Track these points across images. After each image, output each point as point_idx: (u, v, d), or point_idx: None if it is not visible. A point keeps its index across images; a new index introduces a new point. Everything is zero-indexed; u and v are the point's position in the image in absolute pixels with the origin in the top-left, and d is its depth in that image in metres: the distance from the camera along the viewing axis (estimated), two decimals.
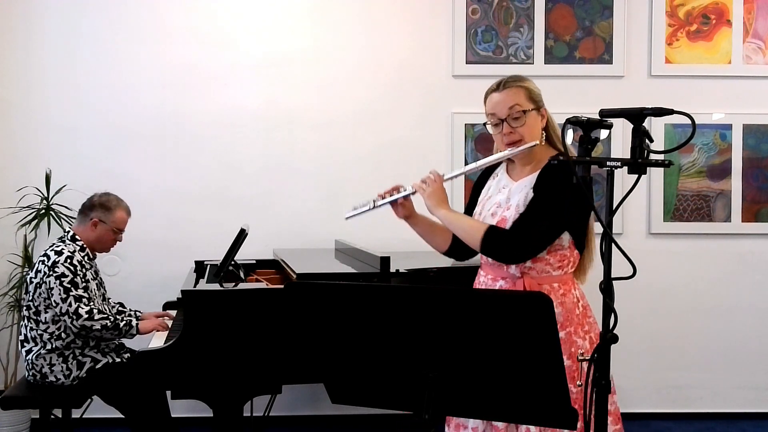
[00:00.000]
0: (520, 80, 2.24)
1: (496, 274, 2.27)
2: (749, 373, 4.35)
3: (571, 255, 2.23)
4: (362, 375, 1.67)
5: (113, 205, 3.31)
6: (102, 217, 3.28)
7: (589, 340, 2.21)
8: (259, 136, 4.23)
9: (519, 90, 2.20)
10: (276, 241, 4.14)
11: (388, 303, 1.56)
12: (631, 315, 4.08)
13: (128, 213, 3.38)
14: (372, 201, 2.34)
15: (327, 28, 4.24)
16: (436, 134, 4.26)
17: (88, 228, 3.29)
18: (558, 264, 2.21)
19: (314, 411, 4.24)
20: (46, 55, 4.17)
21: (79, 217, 3.34)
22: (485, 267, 2.33)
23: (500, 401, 1.57)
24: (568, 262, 2.23)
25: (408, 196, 2.33)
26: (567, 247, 2.21)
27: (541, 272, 2.20)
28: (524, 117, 2.19)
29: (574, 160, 1.72)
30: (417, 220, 2.38)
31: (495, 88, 2.23)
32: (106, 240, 3.33)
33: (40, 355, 3.16)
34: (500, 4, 4.26)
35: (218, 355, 2.80)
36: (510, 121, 2.19)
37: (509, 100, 2.19)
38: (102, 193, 3.36)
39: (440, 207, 2.24)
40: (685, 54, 4.31)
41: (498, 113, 2.20)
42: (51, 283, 3.10)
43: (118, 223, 3.32)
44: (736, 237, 4.33)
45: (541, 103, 2.24)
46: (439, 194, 2.25)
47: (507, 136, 2.20)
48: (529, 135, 2.20)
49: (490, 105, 2.24)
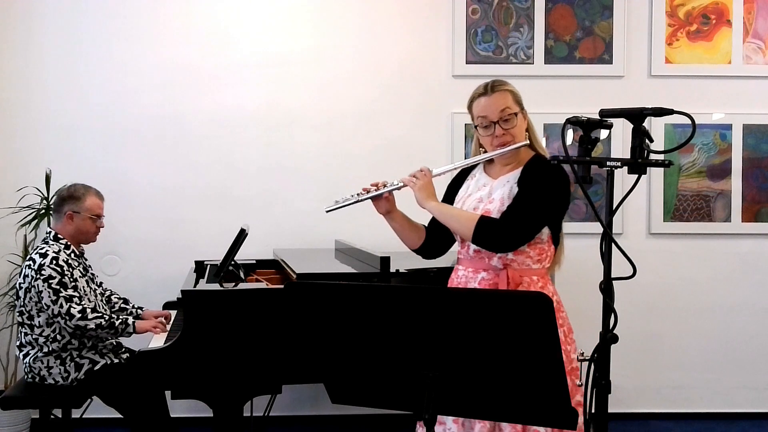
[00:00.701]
0: (505, 84, 2.36)
1: (477, 267, 2.33)
2: (749, 373, 4.35)
3: (549, 249, 2.33)
4: (362, 375, 1.67)
5: (81, 193, 3.27)
6: (74, 208, 3.24)
7: (562, 333, 2.27)
8: (259, 136, 4.23)
9: (507, 93, 2.32)
10: (276, 241, 4.14)
11: (388, 303, 1.56)
12: (631, 315, 4.08)
13: (100, 197, 3.33)
14: (356, 194, 2.43)
15: (327, 29, 4.24)
16: (436, 134, 4.26)
17: (65, 223, 3.25)
18: (537, 257, 2.30)
19: (314, 411, 4.24)
20: (46, 55, 4.17)
21: (55, 216, 3.31)
22: (464, 261, 2.39)
23: (500, 401, 1.57)
24: (546, 256, 2.32)
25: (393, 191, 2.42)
26: (545, 242, 2.31)
27: (522, 264, 2.28)
28: (515, 119, 2.30)
29: (574, 160, 1.72)
30: (396, 215, 2.47)
31: (482, 92, 2.34)
32: (86, 230, 3.28)
33: (37, 358, 3.14)
34: (500, 4, 4.26)
35: (218, 355, 2.80)
36: (502, 123, 2.29)
37: (500, 103, 2.30)
38: (69, 185, 3.31)
39: (430, 199, 2.34)
40: (685, 54, 4.31)
41: (489, 116, 2.30)
42: (39, 287, 3.08)
43: (92, 209, 3.27)
44: (736, 237, 4.33)
45: (523, 105, 2.35)
46: (428, 188, 2.35)
47: (499, 138, 2.30)
48: (518, 136, 2.31)
49: (479, 108, 2.33)
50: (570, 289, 3.84)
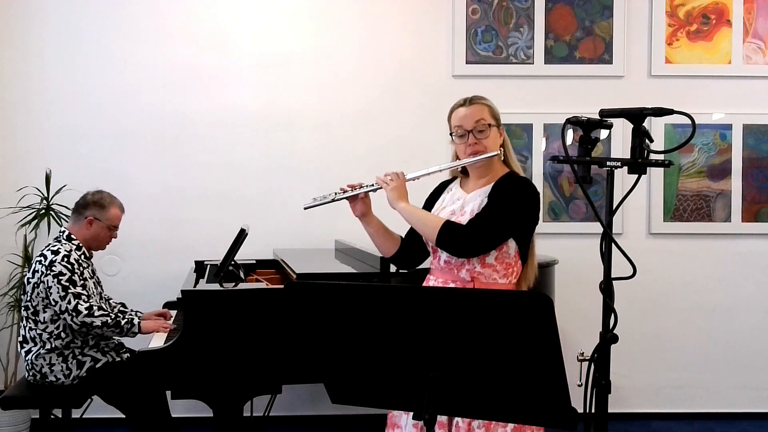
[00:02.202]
0: (485, 99, 2.42)
1: (446, 278, 2.38)
2: (749, 373, 4.35)
3: (515, 265, 2.36)
4: (362, 375, 1.67)
5: (107, 202, 3.32)
6: (97, 215, 3.28)
7: None
8: (259, 136, 4.23)
9: (484, 107, 2.38)
10: (276, 241, 4.14)
11: (388, 303, 1.56)
12: (631, 315, 4.08)
13: (122, 210, 3.39)
14: (333, 193, 2.50)
15: (327, 28, 4.24)
16: (436, 134, 4.22)
17: (83, 226, 3.28)
18: (504, 272, 2.33)
19: (314, 411, 4.24)
20: (46, 55, 4.17)
21: (74, 216, 3.34)
22: (435, 272, 2.43)
23: (500, 401, 1.57)
24: (513, 271, 2.35)
25: (369, 193, 2.46)
26: (513, 256, 2.34)
27: (489, 278, 2.32)
28: (488, 130, 2.36)
29: (574, 160, 1.72)
30: (371, 219, 2.51)
31: (462, 103, 2.41)
32: (101, 238, 3.33)
33: (39, 354, 3.15)
34: (500, 4, 4.26)
35: (218, 355, 2.80)
36: (475, 133, 2.36)
37: (476, 114, 2.36)
38: (95, 191, 3.36)
39: (401, 200, 2.39)
40: (685, 54, 4.31)
41: (465, 125, 2.36)
42: (49, 282, 3.10)
43: (112, 219, 3.32)
44: (736, 237, 4.33)
45: (500, 122, 2.42)
46: (401, 189, 2.40)
47: (471, 147, 2.36)
48: (491, 147, 2.37)
49: (456, 118, 2.39)
50: (570, 289, 3.86)
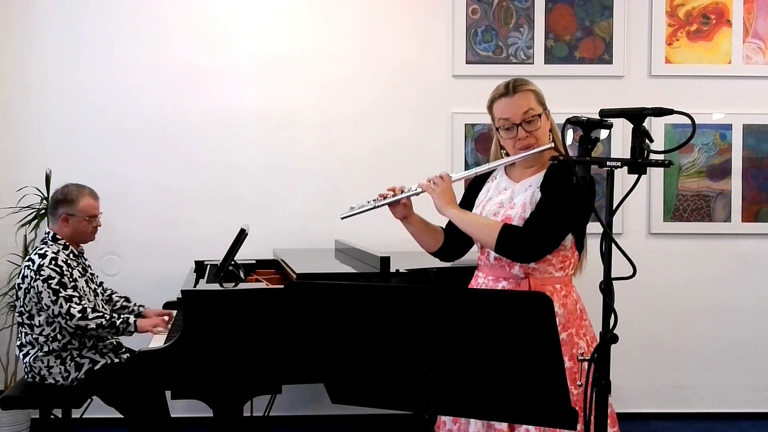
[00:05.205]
0: (527, 83, 2.23)
1: (497, 275, 2.26)
2: (749, 373, 4.35)
3: (573, 256, 2.23)
4: (362, 375, 1.67)
5: (74, 195, 3.25)
6: (69, 210, 3.23)
7: (586, 342, 2.21)
8: (259, 136, 4.23)
9: (529, 94, 2.20)
10: (276, 241, 4.14)
11: (388, 303, 1.55)
12: (631, 315, 4.07)
13: (94, 197, 3.31)
14: (372, 200, 2.36)
15: (327, 28, 4.24)
16: (436, 134, 4.26)
17: (61, 225, 3.25)
18: (560, 265, 2.21)
19: (314, 411, 4.24)
20: (46, 55, 4.17)
21: (51, 218, 3.30)
22: (484, 268, 2.32)
23: (500, 401, 1.57)
24: (570, 263, 2.23)
25: (411, 196, 2.34)
26: (569, 248, 2.21)
27: (544, 273, 2.20)
28: (539, 120, 2.19)
29: (574, 160, 1.72)
30: (414, 219, 2.40)
31: (504, 92, 2.22)
32: (83, 230, 3.28)
33: (37, 357, 3.15)
34: (500, 4, 4.26)
35: (218, 355, 2.80)
36: (525, 126, 2.19)
37: (522, 105, 2.19)
38: (62, 187, 3.30)
39: (450, 206, 2.25)
40: (685, 54, 4.31)
41: (512, 118, 2.19)
42: (39, 287, 3.08)
43: (87, 210, 3.26)
44: (736, 237, 4.33)
45: (546, 105, 2.25)
46: (448, 194, 2.26)
47: (522, 141, 2.20)
48: (542, 138, 2.21)
49: (500, 110, 2.22)
50: None
